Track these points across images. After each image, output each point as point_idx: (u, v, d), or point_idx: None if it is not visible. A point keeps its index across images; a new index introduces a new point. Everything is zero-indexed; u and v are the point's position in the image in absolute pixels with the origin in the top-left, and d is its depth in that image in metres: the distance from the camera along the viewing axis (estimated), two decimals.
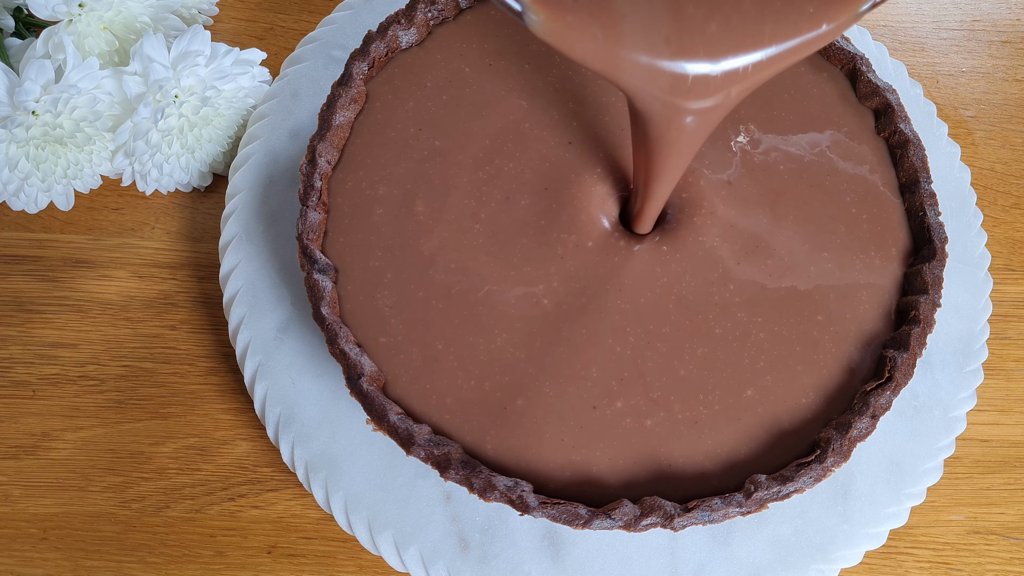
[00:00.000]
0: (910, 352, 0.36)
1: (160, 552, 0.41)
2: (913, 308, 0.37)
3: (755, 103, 0.40)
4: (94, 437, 0.43)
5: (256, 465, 0.43)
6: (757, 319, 0.36)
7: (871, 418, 0.35)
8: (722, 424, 0.35)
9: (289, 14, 0.52)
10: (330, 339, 0.35)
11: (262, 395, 0.40)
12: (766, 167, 0.39)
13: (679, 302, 0.36)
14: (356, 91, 0.39)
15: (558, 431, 0.35)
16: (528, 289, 0.36)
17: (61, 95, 0.39)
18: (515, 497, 0.33)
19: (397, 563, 0.38)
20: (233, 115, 0.45)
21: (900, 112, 0.41)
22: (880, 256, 0.38)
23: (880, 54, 0.49)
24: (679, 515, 0.33)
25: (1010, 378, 0.46)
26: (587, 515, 0.33)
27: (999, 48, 0.54)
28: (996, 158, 0.51)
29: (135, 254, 0.46)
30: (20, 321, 0.45)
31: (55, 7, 0.40)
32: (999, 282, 0.48)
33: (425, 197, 0.38)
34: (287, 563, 0.41)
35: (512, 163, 0.38)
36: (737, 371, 0.36)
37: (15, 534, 0.41)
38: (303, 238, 0.37)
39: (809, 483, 0.34)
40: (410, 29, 0.40)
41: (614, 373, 0.35)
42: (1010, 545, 0.43)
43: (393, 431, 0.34)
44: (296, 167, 0.44)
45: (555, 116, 0.39)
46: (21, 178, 0.42)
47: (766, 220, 0.38)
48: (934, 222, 0.39)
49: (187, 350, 0.45)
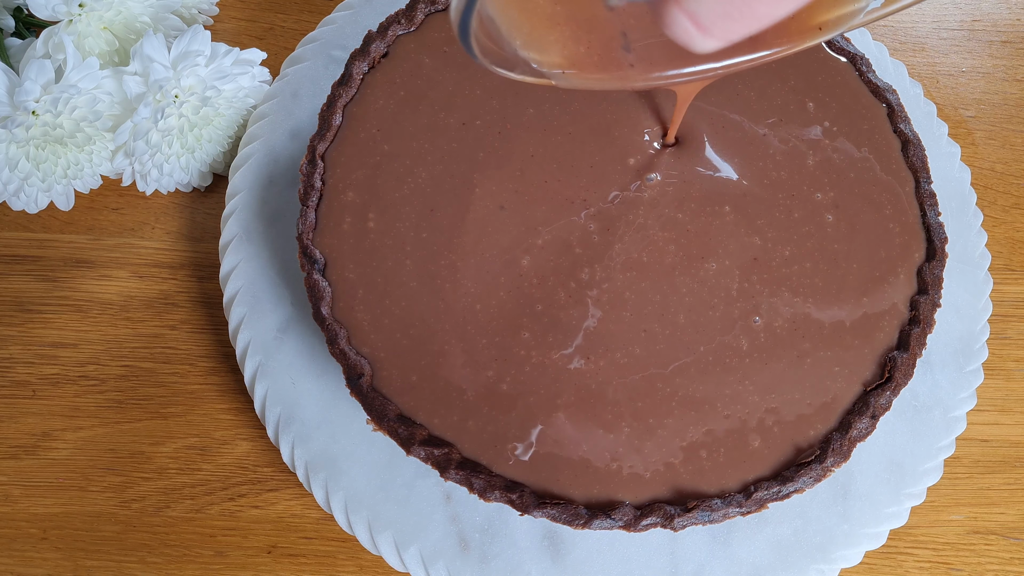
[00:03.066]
0: (910, 352, 0.36)
1: (160, 552, 0.41)
2: (913, 308, 0.37)
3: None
4: (94, 437, 0.43)
5: (256, 465, 0.43)
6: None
7: (871, 418, 0.35)
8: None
9: (289, 14, 0.52)
10: (330, 339, 0.35)
11: (262, 395, 0.40)
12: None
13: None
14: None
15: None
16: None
17: (61, 95, 0.39)
18: (515, 497, 0.33)
19: (397, 563, 0.38)
20: (233, 115, 0.45)
21: (900, 112, 0.41)
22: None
23: (880, 54, 0.49)
24: (679, 515, 0.33)
25: (1010, 378, 0.46)
26: (587, 515, 0.33)
27: (999, 48, 0.54)
28: (996, 158, 0.51)
29: (135, 254, 0.46)
30: (20, 321, 0.45)
31: (55, 7, 0.40)
32: (999, 282, 0.48)
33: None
34: (287, 563, 0.41)
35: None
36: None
37: (15, 534, 0.41)
38: (303, 238, 0.37)
39: (809, 483, 0.34)
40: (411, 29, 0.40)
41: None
42: (1010, 545, 0.43)
43: (393, 431, 0.34)
44: (296, 167, 0.44)
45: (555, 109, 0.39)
46: (21, 178, 0.42)
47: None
48: (934, 222, 0.39)
49: (187, 350, 0.45)
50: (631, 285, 0.37)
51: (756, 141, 0.39)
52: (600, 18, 0.28)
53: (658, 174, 0.38)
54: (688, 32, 0.23)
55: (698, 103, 0.40)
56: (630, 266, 0.37)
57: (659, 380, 0.35)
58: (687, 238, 0.37)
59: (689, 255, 0.37)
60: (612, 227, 0.37)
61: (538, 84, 0.29)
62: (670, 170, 0.39)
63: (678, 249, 0.37)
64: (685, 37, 0.23)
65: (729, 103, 0.40)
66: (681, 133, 0.39)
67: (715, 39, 0.23)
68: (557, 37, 0.28)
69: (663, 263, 0.37)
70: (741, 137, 0.39)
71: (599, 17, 0.28)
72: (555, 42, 0.28)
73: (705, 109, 0.40)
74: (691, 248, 0.37)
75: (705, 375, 0.36)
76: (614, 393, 0.35)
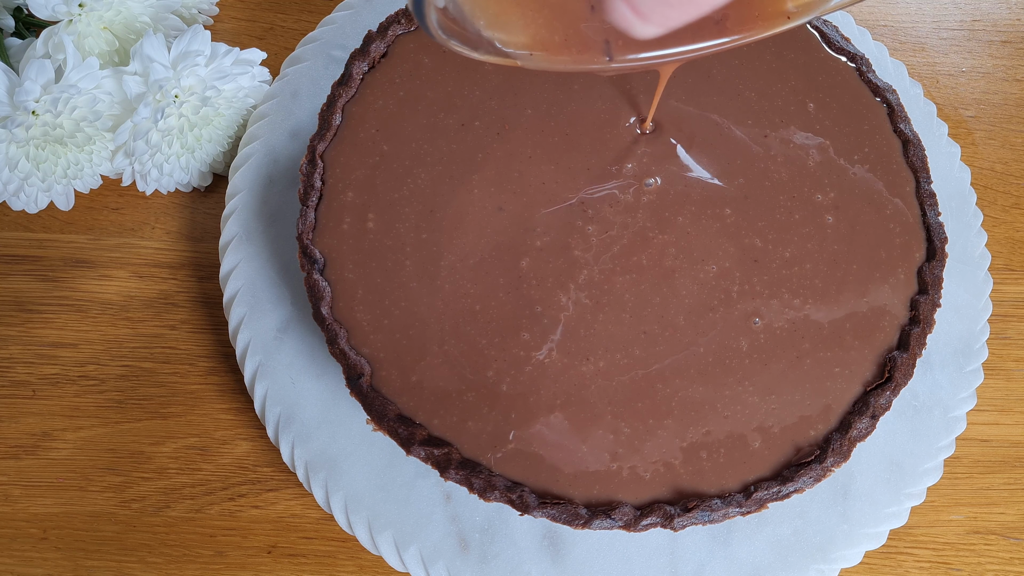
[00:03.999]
0: (910, 352, 0.36)
1: (160, 552, 0.41)
2: (913, 308, 0.37)
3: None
4: (94, 437, 0.43)
5: (256, 465, 0.43)
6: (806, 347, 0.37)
7: (871, 418, 0.35)
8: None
9: (289, 14, 0.52)
10: (330, 339, 0.35)
11: (262, 395, 0.40)
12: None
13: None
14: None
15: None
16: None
17: (61, 95, 0.39)
18: (515, 497, 0.33)
19: (397, 563, 0.38)
20: (233, 115, 0.45)
21: (900, 112, 0.41)
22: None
23: (880, 54, 0.49)
24: (679, 515, 0.33)
25: (1010, 378, 0.46)
26: (587, 515, 0.33)
27: (999, 48, 0.54)
28: (996, 158, 0.51)
29: (135, 254, 0.46)
30: (20, 321, 0.45)
31: (55, 7, 0.40)
32: (999, 282, 0.48)
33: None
34: (287, 563, 0.41)
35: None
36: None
37: (15, 534, 0.41)
38: (303, 238, 0.37)
39: (809, 483, 0.34)
40: (410, 28, 0.40)
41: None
42: (1010, 545, 0.43)
43: (393, 431, 0.34)
44: (296, 167, 0.44)
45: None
46: (21, 178, 0.42)
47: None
48: (934, 222, 0.39)
49: (187, 350, 0.45)
50: (631, 287, 0.37)
51: (757, 143, 0.39)
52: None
53: (658, 178, 0.38)
54: (627, 18, 0.23)
55: (699, 104, 0.40)
56: (630, 269, 0.37)
57: (659, 381, 0.35)
58: (687, 241, 0.37)
59: (690, 258, 0.37)
60: (611, 230, 0.37)
61: (502, 65, 0.29)
62: (670, 173, 0.39)
63: (679, 252, 0.37)
64: (624, 23, 0.23)
65: (730, 104, 0.40)
66: (681, 134, 0.39)
67: (654, 25, 0.23)
68: (522, 17, 0.28)
69: (663, 265, 0.37)
70: (742, 139, 0.39)
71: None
72: (521, 22, 0.28)
73: (705, 111, 0.40)
74: (692, 251, 0.37)
75: (705, 376, 0.36)
76: (614, 394, 0.35)
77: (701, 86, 0.40)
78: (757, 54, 0.41)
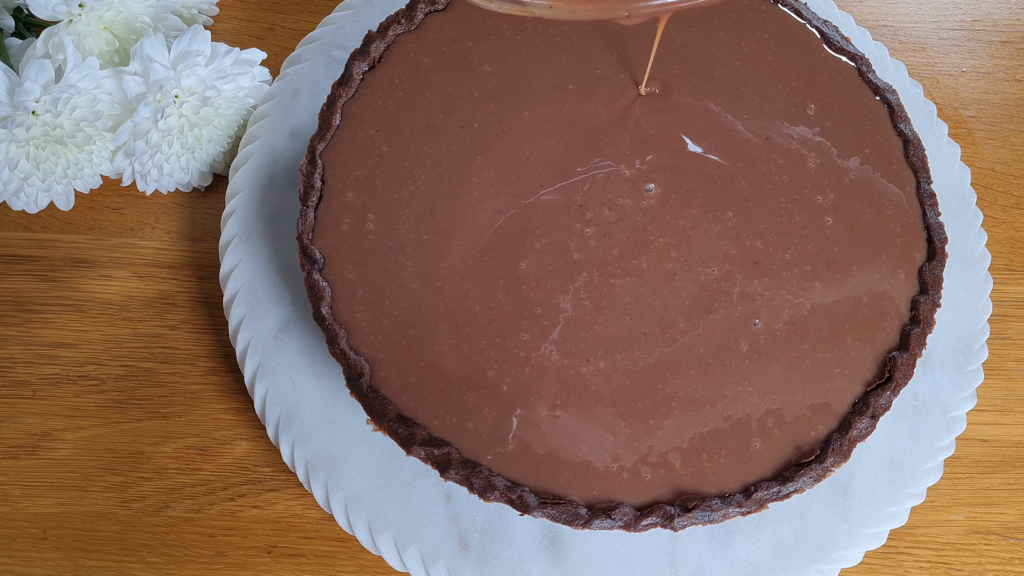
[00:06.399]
0: (910, 352, 0.36)
1: (160, 552, 0.41)
2: (913, 308, 0.37)
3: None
4: (94, 437, 0.43)
5: (256, 465, 0.43)
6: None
7: (871, 418, 0.35)
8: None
9: (289, 14, 0.52)
10: (330, 339, 0.35)
11: (262, 395, 0.40)
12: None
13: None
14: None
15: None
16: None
17: (61, 95, 0.39)
18: (515, 497, 0.33)
19: (397, 563, 0.38)
20: (233, 115, 0.45)
21: (900, 112, 0.41)
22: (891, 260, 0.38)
23: (880, 54, 0.49)
24: (679, 515, 0.33)
25: (1010, 378, 0.46)
26: (587, 515, 0.33)
27: (999, 48, 0.54)
28: (996, 158, 0.51)
29: (135, 254, 0.46)
30: (20, 321, 0.45)
31: (55, 7, 0.40)
32: (999, 282, 0.48)
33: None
34: (287, 563, 0.41)
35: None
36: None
37: (15, 534, 0.41)
38: (303, 238, 0.37)
39: (809, 483, 0.34)
40: (410, 28, 0.40)
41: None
42: (1010, 545, 0.43)
43: (393, 431, 0.34)
44: (296, 167, 0.44)
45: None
46: (21, 178, 0.42)
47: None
48: (934, 222, 0.39)
49: (187, 350, 0.45)
50: (630, 289, 0.37)
51: (758, 144, 0.39)
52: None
53: (658, 183, 0.38)
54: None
55: (699, 105, 0.40)
56: (630, 271, 0.37)
57: (659, 382, 0.35)
58: (688, 243, 0.37)
59: (690, 260, 0.37)
60: (610, 232, 0.37)
61: (518, 15, 0.29)
62: (669, 176, 0.39)
63: (679, 255, 0.37)
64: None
65: (731, 106, 0.40)
66: (680, 136, 0.39)
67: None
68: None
69: (663, 268, 0.37)
70: (743, 141, 0.39)
71: None
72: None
73: (706, 112, 0.40)
74: (692, 253, 0.37)
75: (705, 377, 0.36)
76: (614, 395, 0.35)
77: (703, 87, 0.40)
78: (758, 55, 0.41)
